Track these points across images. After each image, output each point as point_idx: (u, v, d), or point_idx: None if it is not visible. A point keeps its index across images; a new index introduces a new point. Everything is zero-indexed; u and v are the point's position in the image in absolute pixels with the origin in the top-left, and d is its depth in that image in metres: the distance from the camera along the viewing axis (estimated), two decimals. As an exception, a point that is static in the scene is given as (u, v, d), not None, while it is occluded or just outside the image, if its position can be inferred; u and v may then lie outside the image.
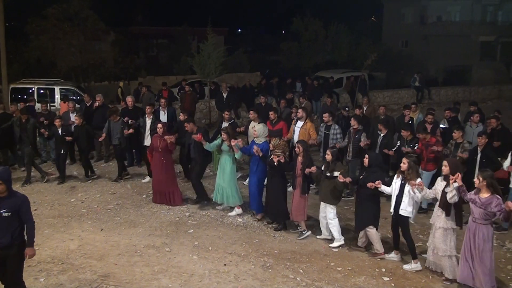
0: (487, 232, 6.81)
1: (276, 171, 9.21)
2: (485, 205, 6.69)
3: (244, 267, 7.84)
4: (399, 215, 7.83)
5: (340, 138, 11.46)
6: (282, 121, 12.07)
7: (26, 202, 6.15)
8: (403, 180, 7.78)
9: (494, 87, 28.03)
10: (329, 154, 8.66)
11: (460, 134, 10.11)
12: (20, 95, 18.04)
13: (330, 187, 8.56)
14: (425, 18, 40.81)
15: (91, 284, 7.20)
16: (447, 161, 7.43)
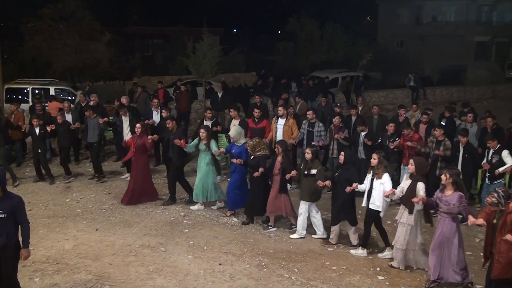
0: (453, 226, 7.07)
1: (257, 170, 9.34)
2: (449, 202, 6.98)
3: (239, 266, 7.85)
4: (369, 209, 8.12)
5: (324, 136, 11.59)
6: (265, 120, 12.14)
7: (21, 203, 6.14)
8: (373, 175, 8.06)
9: (488, 87, 28.13)
10: (309, 153, 8.80)
11: (441, 132, 10.23)
12: (15, 95, 17.99)
13: (309, 186, 8.74)
14: (420, 18, 40.94)
15: (86, 284, 7.19)
16: (413, 160, 7.70)
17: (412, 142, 10.29)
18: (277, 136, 11.58)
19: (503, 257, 6.17)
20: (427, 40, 38.54)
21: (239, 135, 10.05)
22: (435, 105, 21.59)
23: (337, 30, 33.75)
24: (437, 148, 10.11)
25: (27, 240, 6.17)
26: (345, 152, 8.63)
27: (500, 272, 6.25)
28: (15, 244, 6.11)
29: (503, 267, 6.20)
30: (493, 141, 9.62)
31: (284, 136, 11.45)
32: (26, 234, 6.17)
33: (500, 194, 6.37)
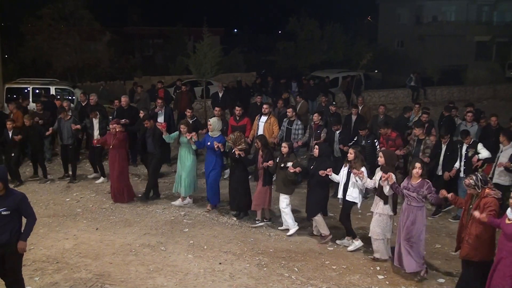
0: (420, 215, 7.39)
1: (238, 164, 9.63)
2: (417, 189, 7.30)
3: (239, 265, 7.85)
4: (346, 200, 8.38)
5: (302, 134, 11.86)
6: (246, 117, 12.34)
7: (24, 199, 6.17)
8: (350, 168, 8.32)
9: (489, 87, 28.13)
10: (285, 146, 9.04)
11: (421, 131, 10.47)
12: (15, 95, 17.99)
13: (284, 178, 8.95)
14: (420, 18, 40.93)
15: (86, 283, 7.20)
16: (382, 153, 8.10)
17: (397, 141, 10.60)
18: (258, 133, 11.82)
19: (472, 239, 6.45)
20: (428, 40, 38.53)
21: (218, 125, 10.20)
22: (435, 105, 21.63)
23: (337, 30, 33.75)
24: (418, 146, 10.41)
25: (27, 234, 6.16)
26: (320, 146, 8.96)
27: (467, 253, 6.54)
28: (18, 240, 6.11)
29: (471, 249, 6.47)
30: (467, 137, 9.90)
31: (265, 133, 11.72)
32: (27, 228, 6.17)
33: (478, 177, 6.56)
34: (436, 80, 28.81)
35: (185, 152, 10.32)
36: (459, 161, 9.92)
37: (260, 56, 41.88)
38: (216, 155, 10.02)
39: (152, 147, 10.70)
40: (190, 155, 10.30)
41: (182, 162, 10.34)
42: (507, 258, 5.95)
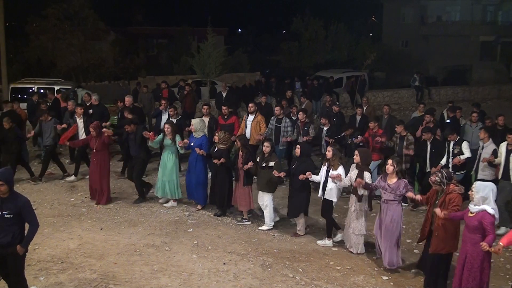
0: (397, 211, 7.64)
1: (221, 165, 9.67)
2: (395, 189, 7.54)
3: (244, 266, 7.85)
4: (326, 199, 8.55)
5: (291, 131, 11.93)
6: (234, 116, 12.43)
7: (27, 204, 6.12)
8: (328, 167, 8.47)
9: (493, 87, 28.04)
10: (268, 146, 9.18)
11: (402, 128, 10.67)
12: (20, 94, 18.06)
13: (266, 177, 9.09)
14: (425, 18, 40.83)
15: (91, 283, 7.21)
16: (358, 151, 8.27)
17: (382, 138, 10.71)
18: (246, 131, 11.91)
19: (439, 232, 6.80)
20: (432, 40, 38.44)
21: (200, 126, 10.24)
22: (440, 105, 21.56)
23: (341, 30, 33.71)
24: (400, 143, 10.59)
25: (28, 241, 6.15)
26: (301, 145, 9.08)
27: (436, 247, 6.86)
28: (20, 242, 6.12)
29: (440, 242, 6.82)
30: (452, 134, 10.14)
31: (252, 131, 11.88)
32: (29, 235, 6.16)
33: (443, 174, 6.87)
34: (441, 80, 28.74)
35: (167, 155, 10.31)
36: (446, 157, 10.15)
37: (264, 56, 41.87)
38: (198, 154, 10.06)
39: (135, 150, 10.71)
40: (172, 158, 10.28)
41: (164, 165, 10.33)
42: (473, 251, 6.24)
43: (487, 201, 6.23)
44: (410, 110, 21.67)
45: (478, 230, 6.20)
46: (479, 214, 6.22)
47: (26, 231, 6.18)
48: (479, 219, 6.18)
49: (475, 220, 6.22)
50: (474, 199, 6.31)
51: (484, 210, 6.19)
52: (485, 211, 6.18)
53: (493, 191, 6.34)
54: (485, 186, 6.37)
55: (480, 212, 6.21)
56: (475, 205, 6.29)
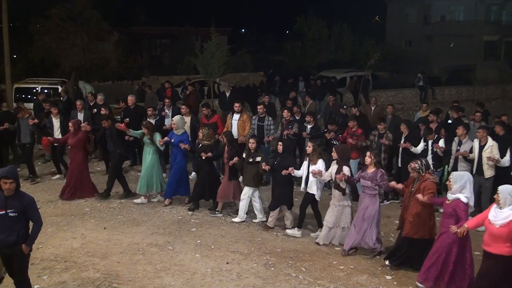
0: (376, 203, 8.09)
1: (205, 160, 9.95)
2: (372, 178, 7.97)
3: (247, 265, 7.85)
4: (308, 193, 8.86)
5: (273, 130, 12.13)
6: (216, 115, 12.68)
7: (32, 203, 6.12)
8: (309, 162, 8.81)
9: (497, 87, 27.95)
10: (253, 142, 9.45)
11: (384, 126, 11.10)
12: (24, 94, 18.10)
13: (252, 172, 9.38)
14: (428, 18, 40.75)
15: (94, 282, 7.22)
16: (335, 148, 8.66)
17: (360, 139, 11.05)
18: (232, 130, 12.00)
19: (413, 218, 7.33)
20: (436, 40, 38.35)
21: (181, 123, 10.50)
22: (443, 105, 21.48)
23: (344, 30, 33.66)
24: (378, 141, 11.00)
25: (33, 239, 6.16)
26: (283, 142, 9.41)
27: (409, 231, 7.41)
28: (25, 241, 6.12)
29: (412, 227, 7.36)
30: (430, 134, 10.54)
31: (238, 130, 12.04)
32: (34, 233, 6.15)
33: (422, 162, 7.48)
34: (444, 80, 28.65)
35: (147, 152, 10.55)
36: (428, 155, 10.42)
37: (267, 56, 41.85)
38: (179, 151, 10.30)
39: (111, 146, 10.88)
40: (151, 155, 10.48)
41: (144, 162, 10.60)
42: (447, 232, 6.72)
43: (463, 190, 6.76)
44: (414, 110, 21.65)
45: (453, 216, 6.75)
46: (454, 202, 6.80)
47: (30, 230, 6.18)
48: (454, 207, 6.75)
49: (450, 208, 6.79)
50: (452, 189, 6.82)
51: (458, 199, 6.74)
52: (459, 199, 6.73)
53: (469, 180, 6.86)
54: (462, 176, 6.91)
55: (455, 200, 6.78)
56: (452, 193, 6.82)
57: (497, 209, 6.17)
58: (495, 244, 6.09)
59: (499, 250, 6.05)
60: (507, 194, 6.10)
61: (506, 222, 5.98)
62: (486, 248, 6.24)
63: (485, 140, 9.80)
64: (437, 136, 10.58)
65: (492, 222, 6.13)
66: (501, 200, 6.11)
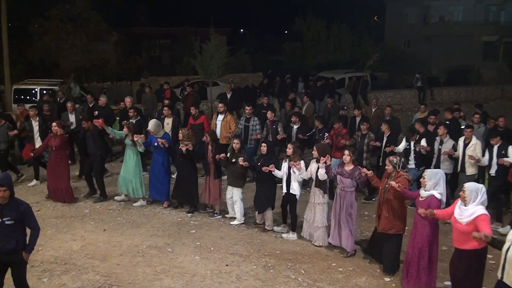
0: (352, 198, 8.31)
1: (186, 159, 10.06)
2: (351, 174, 8.20)
3: (246, 267, 7.88)
4: (289, 193, 8.95)
5: (259, 130, 12.31)
6: (203, 116, 12.75)
7: (28, 209, 6.06)
8: (290, 163, 8.89)
9: (496, 87, 28.00)
10: (237, 143, 9.66)
11: (367, 126, 11.30)
12: (23, 95, 18.10)
13: (236, 172, 9.56)
14: (427, 18, 40.77)
15: (94, 284, 7.24)
16: (315, 147, 8.83)
17: (345, 139, 11.21)
18: (216, 131, 12.15)
19: (387, 214, 7.59)
20: (435, 40, 38.38)
21: (158, 127, 10.51)
22: (442, 106, 21.49)
23: (343, 30, 33.66)
24: (362, 141, 11.23)
25: (31, 246, 6.11)
26: (267, 143, 9.52)
27: (384, 226, 7.65)
28: (24, 249, 6.09)
29: (387, 222, 7.60)
30: (413, 135, 10.72)
31: (222, 130, 12.27)
32: (32, 240, 6.10)
33: (401, 159, 7.72)
34: (443, 81, 28.68)
35: (129, 154, 10.56)
36: (410, 154, 10.68)
37: (266, 56, 41.84)
38: (162, 154, 10.39)
39: (93, 147, 10.82)
40: (133, 156, 10.52)
41: (126, 163, 10.61)
42: (423, 232, 7.03)
43: (437, 187, 6.98)
44: (413, 111, 21.68)
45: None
46: (428, 198, 6.98)
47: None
48: (428, 203, 6.91)
49: (425, 204, 6.95)
50: (426, 185, 7.02)
51: (432, 195, 6.94)
52: (433, 195, 6.94)
53: (442, 177, 7.08)
54: (436, 173, 7.12)
55: (429, 197, 6.98)
56: (426, 190, 7.02)
57: (462, 206, 6.31)
58: (464, 241, 6.24)
59: (470, 245, 6.22)
60: (473, 191, 6.22)
61: (471, 220, 6.12)
62: (457, 245, 6.42)
63: (469, 138, 10.16)
64: (419, 136, 10.74)
65: (459, 220, 6.29)
66: (467, 197, 6.23)
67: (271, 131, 12.16)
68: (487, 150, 10.00)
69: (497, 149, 9.80)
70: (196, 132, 11.17)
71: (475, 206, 6.16)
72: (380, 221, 7.74)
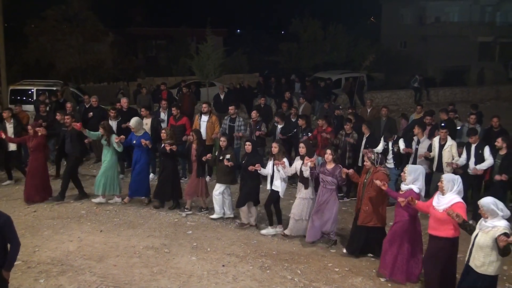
0: (333, 194, 8.63)
1: (168, 158, 10.22)
2: (333, 173, 8.49)
3: (243, 268, 7.89)
4: (273, 190, 9.18)
5: (244, 130, 12.54)
6: (185, 117, 12.81)
7: (8, 222, 5.55)
8: (274, 161, 9.11)
9: (492, 88, 28.09)
10: (224, 140, 9.85)
11: (350, 126, 11.50)
12: (20, 96, 18.08)
13: (224, 170, 9.69)
14: (423, 19, 40.88)
15: (91, 285, 7.24)
16: (303, 143, 9.06)
17: (331, 136, 11.56)
18: (200, 131, 12.10)
19: (367, 207, 7.92)
20: (430, 41, 38.48)
21: (139, 125, 10.70)
22: (438, 106, 21.56)
23: (340, 31, 33.71)
24: (346, 140, 11.39)
25: (12, 262, 5.63)
26: (251, 142, 9.72)
27: (363, 219, 8.01)
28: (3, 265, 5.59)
29: (366, 216, 7.95)
30: (391, 136, 10.92)
31: (207, 131, 12.34)
32: (12, 255, 5.61)
33: (378, 156, 8.11)
34: (439, 81, 28.75)
35: (105, 154, 10.70)
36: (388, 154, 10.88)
37: (263, 57, 41.85)
38: (142, 151, 10.54)
39: (69, 148, 10.92)
40: (109, 156, 10.63)
41: (103, 163, 10.72)
42: (403, 225, 7.33)
43: (416, 182, 7.31)
44: (409, 112, 21.68)
45: (405, 206, 7.19)
46: (407, 192, 7.29)
47: None
48: (407, 196, 7.14)
49: (404, 197, 7.19)
50: (406, 180, 7.35)
51: (411, 189, 7.26)
52: (412, 189, 7.25)
53: (422, 173, 7.41)
54: (416, 169, 7.46)
55: (408, 191, 7.29)
56: (406, 184, 7.35)
57: (440, 196, 6.74)
58: (440, 228, 6.63)
59: (444, 233, 6.62)
60: (450, 181, 6.68)
61: (448, 207, 6.48)
62: (432, 232, 6.79)
63: (445, 139, 10.40)
64: (396, 137, 11.03)
65: (436, 207, 6.69)
66: (444, 186, 6.67)
67: (254, 131, 12.33)
68: (465, 149, 10.21)
69: (475, 148, 10.03)
70: (177, 133, 11.33)
71: (452, 195, 6.60)
72: (360, 215, 8.06)
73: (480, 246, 5.95)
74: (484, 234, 5.93)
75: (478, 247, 5.99)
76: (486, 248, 5.89)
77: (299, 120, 12.41)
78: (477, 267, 6.02)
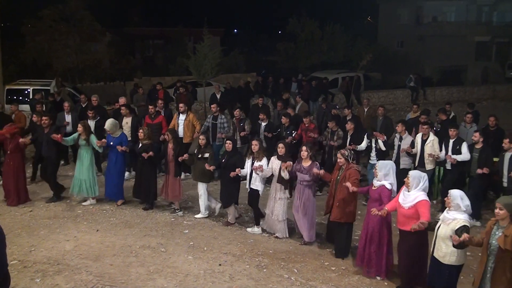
0: (311, 191, 8.74)
1: (147, 160, 10.16)
2: (309, 170, 8.53)
3: (239, 267, 7.89)
4: (252, 189, 9.27)
5: (227, 127, 12.65)
6: (161, 115, 12.84)
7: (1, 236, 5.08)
8: (253, 159, 9.22)
9: (489, 87, 28.15)
10: (203, 139, 9.92)
11: (334, 123, 11.60)
12: (16, 96, 18.03)
13: (201, 168, 9.73)
14: (420, 19, 40.93)
15: (87, 285, 7.23)
16: (282, 143, 9.13)
17: (314, 133, 11.71)
18: (179, 130, 12.28)
19: (340, 204, 8.07)
20: (428, 40, 38.53)
21: (115, 127, 10.67)
22: (435, 105, 21.65)
23: (337, 31, 33.74)
24: (331, 138, 11.51)
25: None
26: (232, 140, 9.81)
27: (336, 215, 8.17)
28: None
29: (339, 212, 8.11)
30: (381, 135, 10.96)
31: (185, 130, 12.40)
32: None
33: (352, 153, 8.30)
34: (436, 81, 28.79)
35: (83, 154, 10.58)
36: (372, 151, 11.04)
37: (260, 57, 41.85)
38: (117, 153, 10.50)
39: (46, 150, 10.80)
40: (87, 157, 10.55)
41: (80, 164, 10.61)
42: (375, 219, 7.46)
43: (387, 177, 7.49)
44: (405, 111, 21.73)
45: (378, 201, 7.44)
46: (379, 188, 7.49)
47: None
48: (379, 192, 7.44)
49: (376, 193, 7.49)
50: (378, 176, 7.53)
51: (383, 185, 7.43)
52: (384, 185, 7.43)
53: (392, 168, 7.59)
54: (386, 165, 7.63)
55: (380, 187, 7.48)
56: (378, 180, 7.52)
57: (406, 192, 6.95)
58: (408, 222, 6.77)
59: (411, 227, 6.69)
60: (416, 178, 6.87)
61: (413, 204, 6.77)
62: (400, 227, 7.01)
63: (427, 135, 10.57)
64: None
65: (402, 204, 6.92)
66: (410, 183, 6.88)
67: (238, 129, 12.42)
68: (443, 144, 10.41)
69: (452, 144, 10.23)
70: (153, 132, 11.31)
71: (417, 192, 6.81)
72: (332, 211, 8.26)
73: (442, 237, 6.24)
74: (446, 225, 6.21)
75: (440, 238, 6.29)
76: (447, 239, 6.14)
77: (282, 118, 12.43)
78: (441, 258, 6.32)
